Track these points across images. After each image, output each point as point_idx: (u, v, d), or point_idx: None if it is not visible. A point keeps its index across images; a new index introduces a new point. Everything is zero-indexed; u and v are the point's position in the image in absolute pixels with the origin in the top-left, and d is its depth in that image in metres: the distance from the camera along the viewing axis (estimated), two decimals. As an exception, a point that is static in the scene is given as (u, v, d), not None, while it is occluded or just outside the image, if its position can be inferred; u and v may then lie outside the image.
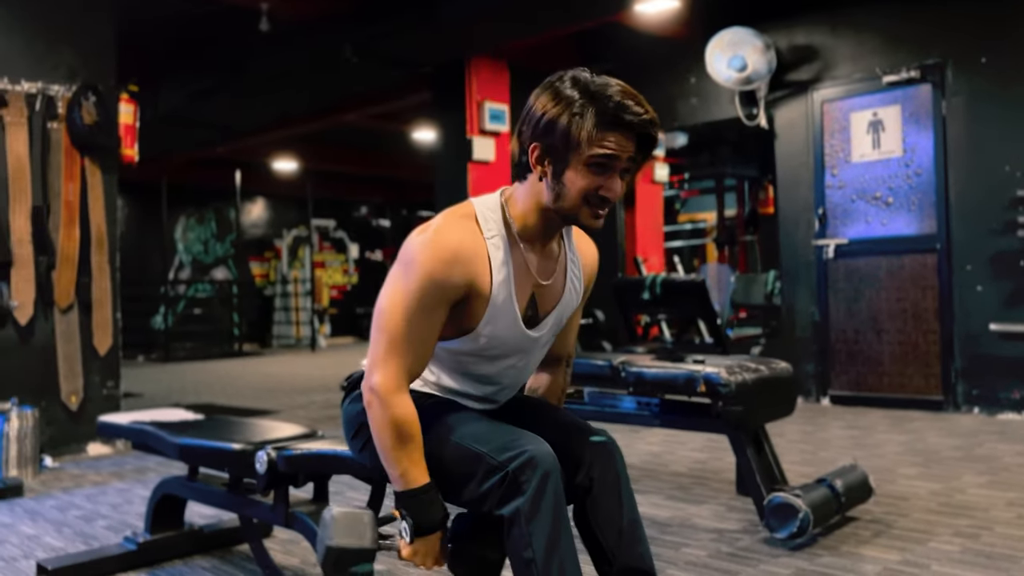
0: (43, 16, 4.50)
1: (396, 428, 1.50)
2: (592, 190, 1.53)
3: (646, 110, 1.52)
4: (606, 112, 1.49)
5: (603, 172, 1.52)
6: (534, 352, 1.72)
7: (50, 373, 4.47)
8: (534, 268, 1.63)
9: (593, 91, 1.51)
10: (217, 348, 12.92)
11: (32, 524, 3.21)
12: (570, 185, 1.53)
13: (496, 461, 1.46)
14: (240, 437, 2.26)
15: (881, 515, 2.98)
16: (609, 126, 1.50)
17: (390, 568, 2.56)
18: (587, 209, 1.55)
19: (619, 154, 1.51)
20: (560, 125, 1.50)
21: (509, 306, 1.59)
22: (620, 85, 1.53)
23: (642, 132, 1.52)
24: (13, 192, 4.34)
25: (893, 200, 5.39)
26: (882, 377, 5.45)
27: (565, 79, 1.55)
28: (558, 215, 1.58)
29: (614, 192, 1.54)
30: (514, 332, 1.62)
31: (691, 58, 6.13)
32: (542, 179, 1.56)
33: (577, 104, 1.50)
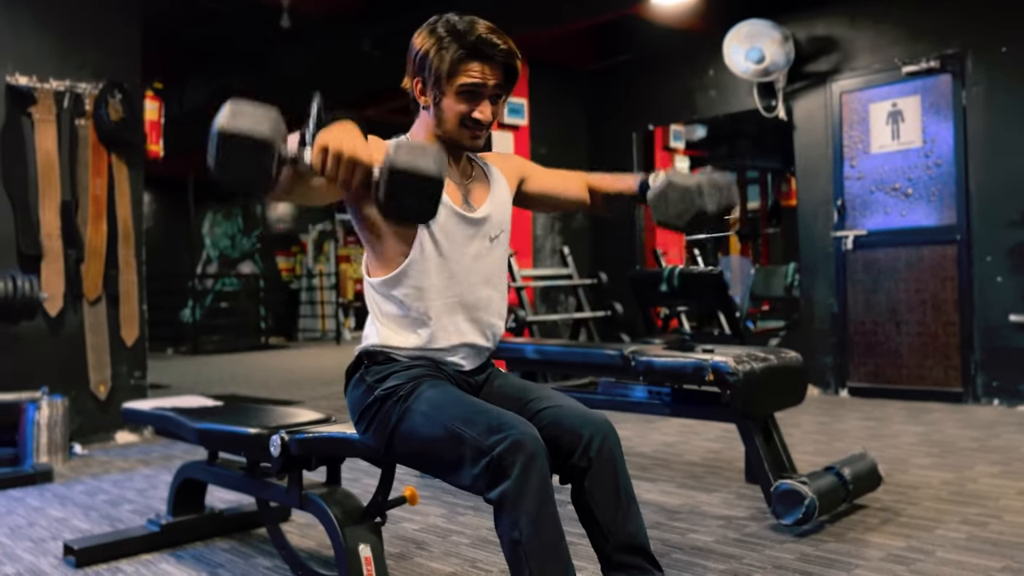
0: (70, 16, 4.62)
1: None
2: (466, 114, 1.74)
3: (506, 43, 1.72)
4: (469, 45, 1.69)
5: (473, 99, 1.73)
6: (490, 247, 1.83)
7: (79, 363, 4.60)
8: (453, 176, 1.81)
9: (460, 29, 1.71)
10: (244, 341, 13.10)
11: (61, 508, 3.32)
12: (447, 111, 1.74)
13: (483, 445, 1.52)
14: (256, 422, 2.34)
15: (890, 503, 3.00)
16: (473, 57, 1.70)
17: (402, 552, 2.63)
18: (465, 131, 1.76)
19: (484, 81, 1.72)
20: (431, 58, 1.71)
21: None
22: (486, 23, 1.73)
23: (504, 62, 1.73)
24: (43, 187, 4.46)
25: (912, 191, 5.37)
26: (901, 369, 5.43)
27: (439, 21, 1.74)
28: (445, 138, 1.78)
29: (485, 115, 1.75)
30: (453, 217, 1.76)
31: (709, 50, 6.14)
32: (426, 109, 1.77)
33: (445, 40, 1.70)
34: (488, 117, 1.75)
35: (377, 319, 1.80)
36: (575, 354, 3.50)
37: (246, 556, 2.63)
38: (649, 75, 6.80)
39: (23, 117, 4.42)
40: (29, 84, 4.43)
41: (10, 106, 4.38)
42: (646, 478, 3.49)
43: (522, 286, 6.09)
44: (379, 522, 2.13)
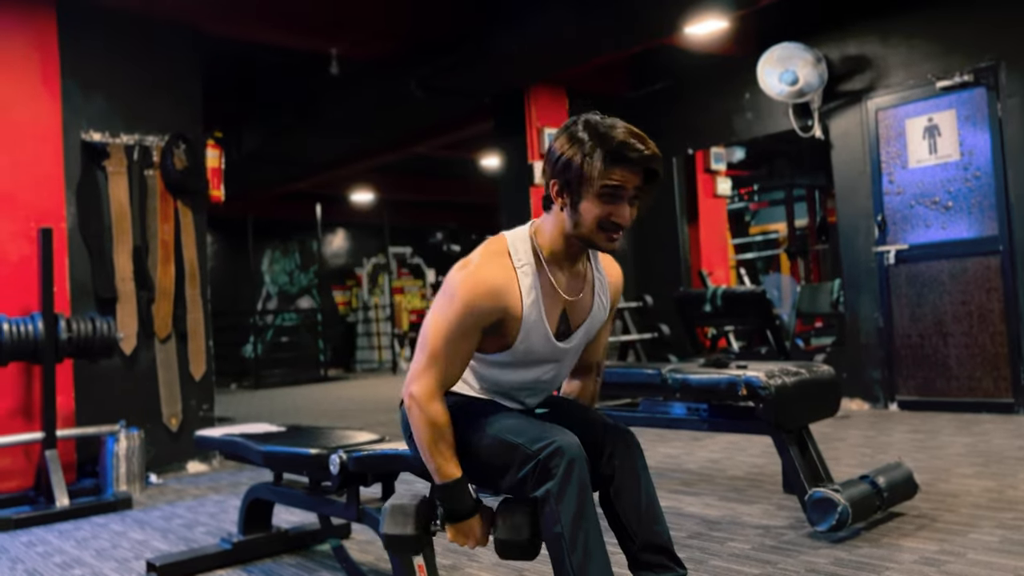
0: (137, 75, 4.98)
1: (432, 428, 1.77)
2: (604, 217, 1.78)
3: (647, 147, 1.76)
4: (611, 150, 1.74)
5: (613, 201, 1.77)
6: (565, 361, 1.96)
7: (152, 398, 4.90)
8: (562, 288, 1.87)
9: (601, 132, 1.76)
10: (304, 374, 13.47)
11: (141, 531, 3.58)
12: (585, 214, 1.78)
13: (530, 451, 1.71)
14: (316, 444, 2.55)
15: (928, 510, 3.07)
16: (615, 162, 1.74)
17: (455, 563, 2.80)
18: (602, 234, 1.80)
19: (625, 185, 1.76)
20: (574, 163, 1.76)
21: (540, 324, 1.84)
22: (625, 126, 1.77)
23: (645, 166, 1.77)
24: (116, 234, 4.80)
25: (952, 204, 5.41)
26: (950, 381, 5.44)
27: (579, 123, 1.80)
28: (578, 240, 1.83)
29: (623, 218, 1.78)
30: (546, 345, 1.86)
31: (744, 74, 6.27)
32: (563, 209, 1.81)
33: (587, 145, 1.75)
34: (626, 221, 1.79)
35: None
36: (615, 374, 3.64)
37: (311, 570, 2.84)
38: (686, 101, 6.96)
39: (97, 171, 4.78)
40: (102, 140, 4.79)
41: (86, 161, 4.74)
42: (690, 492, 3.61)
43: (568, 311, 6.25)
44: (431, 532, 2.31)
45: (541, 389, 1.99)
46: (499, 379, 1.93)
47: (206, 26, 5.27)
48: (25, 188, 4.47)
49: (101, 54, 4.84)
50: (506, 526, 1.81)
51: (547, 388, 2.01)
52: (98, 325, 4.25)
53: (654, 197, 1.86)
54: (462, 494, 1.80)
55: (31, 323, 4.06)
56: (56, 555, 3.26)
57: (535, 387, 1.97)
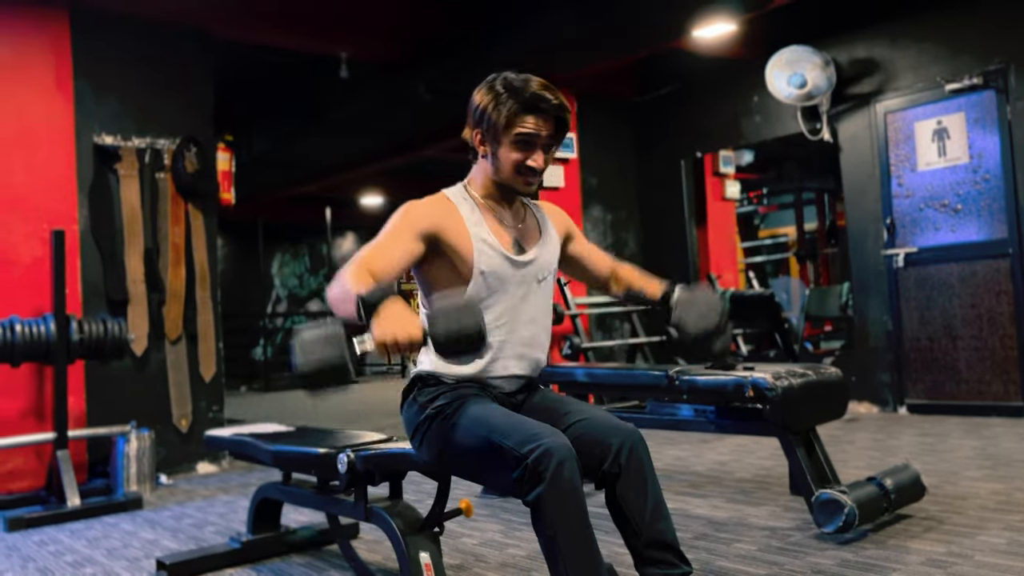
0: (148, 79, 5.02)
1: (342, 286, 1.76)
2: (520, 162, 1.94)
3: (557, 98, 1.93)
4: (524, 100, 1.91)
5: (527, 148, 1.94)
6: (535, 295, 2.03)
7: (163, 399, 4.94)
8: (505, 220, 2.03)
9: (516, 85, 1.92)
10: (313, 377, 13.47)
11: (151, 530, 3.61)
12: (503, 159, 1.96)
13: (518, 454, 1.71)
14: (325, 443, 2.57)
15: (936, 512, 3.07)
16: (527, 111, 1.91)
17: (462, 563, 2.82)
18: (519, 177, 1.97)
19: (537, 132, 1.93)
20: (489, 112, 1.93)
21: (492, 240, 1.96)
22: (539, 80, 1.94)
23: (555, 115, 1.94)
24: (128, 237, 4.84)
25: (962, 207, 5.40)
26: (959, 384, 5.42)
27: (497, 78, 1.96)
28: (501, 184, 2.00)
29: (538, 163, 1.95)
30: (505, 263, 1.97)
31: (752, 77, 6.27)
32: (485, 157, 1.99)
33: (503, 95, 1.92)
34: (541, 165, 1.95)
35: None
36: (623, 375, 3.66)
37: (320, 570, 2.86)
38: (695, 104, 6.96)
39: (109, 173, 4.82)
40: (114, 143, 4.83)
41: (98, 164, 4.78)
42: (697, 494, 3.62)
43: (576, 314, 6.27)
44: (438, 532, 2.32)
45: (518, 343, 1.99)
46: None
47: (217, 30, 5.31)
48: (38, 191, 4.52)
49: (113, 58, 4.88)
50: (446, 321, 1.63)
51: (524, 341, 2.01)
52: (109, 326, 4.28)
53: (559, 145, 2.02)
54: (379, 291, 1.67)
55: (43, 324, 4.10)
56: (67, 554, 3.29)
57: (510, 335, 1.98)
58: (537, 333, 2.05)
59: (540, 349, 2.06)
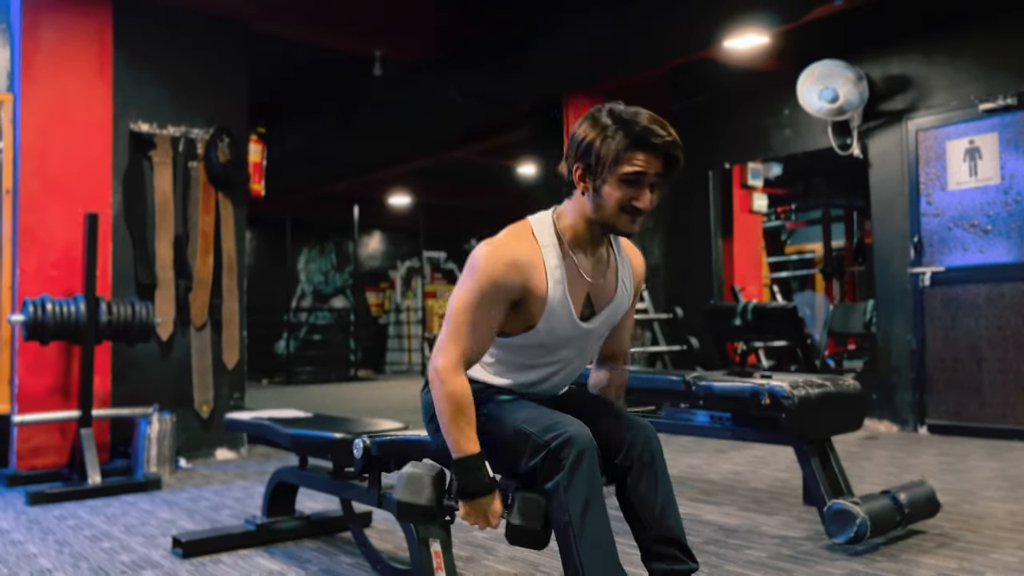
0: (186, 69, 5.12)
1: (453, 401, 1.80)
2: (626, 201, 1.83)
3: (669, 134, 1.81)
4: (634, 135, 1.79)
5: (634, 186, 1.82)
6: (587, 344, 1.99)
7: (185, 384, 5.01)
8: (586, 271, 1.92)
9: (624, 118, 1.81)
10: (334, 373, 13.62)
11: (169, 511, 3.67)
12: (607, 197, 1.83)
13: (540, 441, 1.74)
14: (342, 429, 2.61)
15: (950, 529, 3.05)
16: (637, 147, 1.79)
17: (472, 555, 2.84)
18: (624, 216, 1.85)
19: (646, 170, 1.81)
20: (596, 147, 1.81)
21: (564, 303, 1.88)
22: (648, 114, 1.82)
23: (666, 152, 1.82)
24: (159, 223, 4.93)
25: (991, 228, 5.35)
26: (983, 407, 5.36)
27: (603, 110, 1.85)
28: (599, 224, 1.88)
29: (644, 202, 1.83)
30: (569, 326, 1.90)
31: (783, 90, 6.26)
32: (584, 194, 1.86)
33: (610, 129, 1.80)
34: (647, 205, 1.83)
35: None
36: (640, 379, 3.67)
37: (331, 554, 2.89)
38: (724, 115, 6.96)
39: (144, 160, 4.91)
40: (150, 131, 4.92)
41: (133, 151, 4.88)
42: (710, 501, 3.61)
43: (598, 319, 6.27)
44: (448, 520, 2.35)
45: (562, 378, 2.02)
46: (521, 364, 1.96)
47: (255, 23, 5.40)
48: (74, 174, 4.61)
49: (153, 47, 4.98)
50: (520, 512, 1.83)
51: (567, 377, 2.04)
52: (137, 309, 4.36)
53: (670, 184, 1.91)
54: (479, 471, 1.80)
55: (74, 304, 4.19)
56: (86, 528, 3.36)
57: (556, 374, 1.99)
58: (581, 366, 2.05)
59: (578, 375, 2.08)
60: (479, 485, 1.81)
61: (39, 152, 4.52)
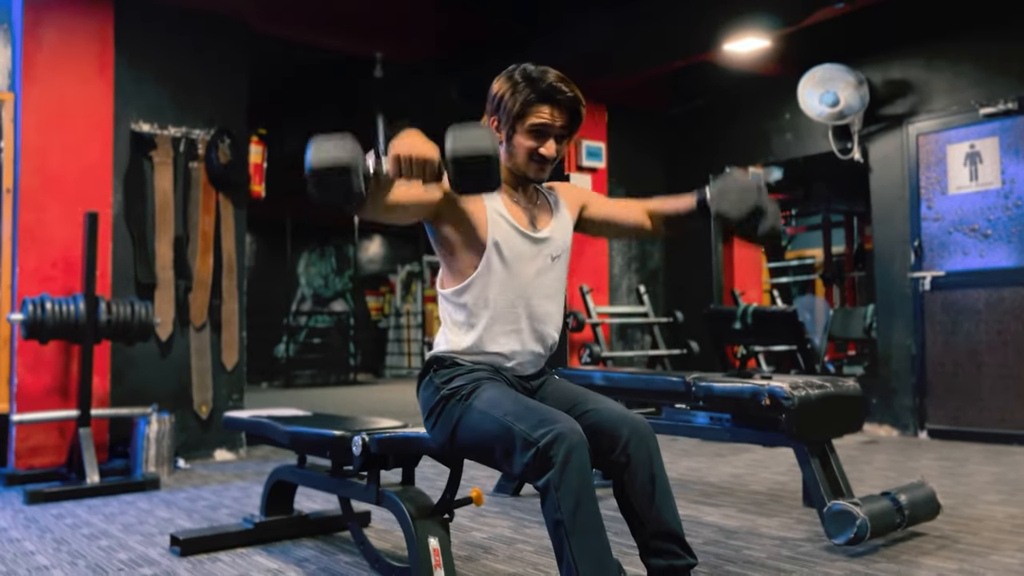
0: (187, 69, 5.12)
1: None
2: (534, 150, 2.00)
3: (572, 90, 1.98)
4: (540, 90, 1.96)
5: (541, 137, 1.99)
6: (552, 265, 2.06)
7: (184, 384, 5.01)
8: (520, 201, 2.09)
9: (533, 76, 1.98)
10: (334, 376, 13.61)
11: (167, 510, 3.66)
12: (518, 147, 2.01)
13: (530, 438, 1.73)
14: (340, 427, 2.60)
15: (950, 532, 3.04)
16: (542, 100, 1.96)
17: (470, 555, 2.83)
18: (532, 164, 2.02)
19: (552, 122, 1.98)
20: (506, 100, 1.98)
21: (507, 216, 2.02)
22: (556, 73, 1.99)
23: (570, 107, 1.99)
24: (159, 223, 4.93)
25: (992, 232, 5.35)
26: (982, 411, 5.35)
27: (516, 69, 2.02)
28: (513, 171, 2.05)
29: (550, 152, 2.00)
30: (520, 238, 2.01)
31: (784, 94, 6.27)
32: (500, 144, 1.99)
33: (520, 85, 1.98)
34: (553, 153, 2.01)
35: (447, 327, 2.05)
36: (640, 380, 3.66)
37: (329, 553, 2.88)
38: (725, 118, 6.96)
39: (144, 160, 4.91)
40: (151, 131, 4.92)
41: (134, 151, 4.88)
42: (709, 503, 3.60)
43: (598, 322, 6.27)
44: (447, 518, 2.34)
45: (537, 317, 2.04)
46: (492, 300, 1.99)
47: (256, 24, 5.41)
48: (74, 173, 4.61)
49: (155, 47, 4.99)
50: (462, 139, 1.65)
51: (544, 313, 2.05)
52: (136, 309, 4.36)
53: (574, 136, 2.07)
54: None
55: (73, 303, 4.18)
56: (84, 527, 3.35)
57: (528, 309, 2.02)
58: (550, 309, 2.08)
59: (553, 327, 2.10)
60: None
61: (40, 151, 4.52)
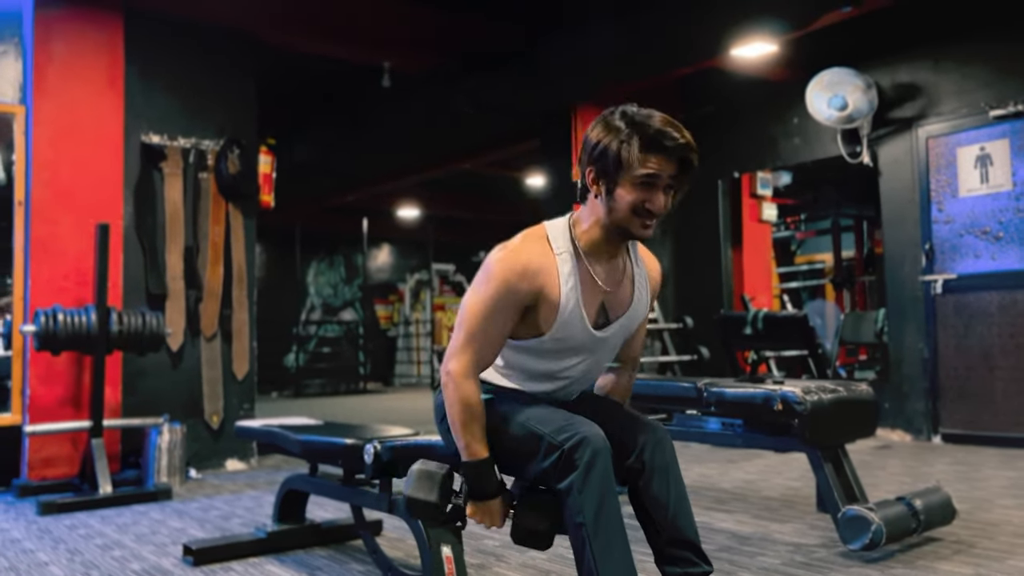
0: (196, 80, 5.15)
1: (464, 406, 1.81)
2: (639, 204, 1.80)
3: (683, 136, 1.79)
4: (648, 138, 1.77)
5: (648, 189, 1.80)
6: (601, 353, 1.97)
7: (195, 394, 5.02)
8: (601, 279, 1.90)
9: (638, 121, 1.80)
10: (344, 385, 13.62)
11: (179, 520, 3.66)
12: (620, 200, 1.81)
13: (554, 441, 1.73)
14: (352, 435, 2.60)
15: (966, 537, 3.01)
16: (651, 150, 1.78)
17: (483, 563, 2.82)
18: (636, 220, 1.82)
19: (660, 172, 1.79)
20: (611, 150, 1.79)
21: (577, 310, 1.86)
22: (662, 116, 1.81)
23: (680, 156, 1.80)
24: (170, 234, 4.95)
25: (1003, 234, 5.32)
26: (996, 415, 5.31)
27: (616, 112, 1.84)
28: (613, 227, 1.85)
29: (658, 205, 1.81)
30: (583, 334, 1.88)
31: (792, 98, 6.26)
32: (598, 198, 1.84)
33: (624, 132, 1.79)
34: (661, 208, 1.81)
35: None
36: (651, 387, 3.65)
37: (342, 562, 2.88)
38: (733, 124, 6.95)
39: (154, 171, 4.94)
40: (161, 142, 4.95)
41: (144, 162, 4.90)
42: (722, 509, 3.59)
43: (607, 329, 6.25)
44: (460, 526, 2.33)
45: (573, 383, 2.00)
46: (532, 368, 1.95)
47: (265, 35, 5.43)
48: (86, 185, 4.63)
49: (164, 59, 5.02)
50: (526, 513, 1.86)
51: (579, 383, 2.02)
52: (147, 319, 4.37)
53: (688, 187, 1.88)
54: (488, 474, 1.84)
55: (85, 314, 4.20)
56: (97, 538, 3.35)
57: (567, 380, 1.98)
58: (597, 374, 2.07)
59: (596, 377, 2.09)
60: (488, 488, 1.85)
61: (51, 164, 4.55)
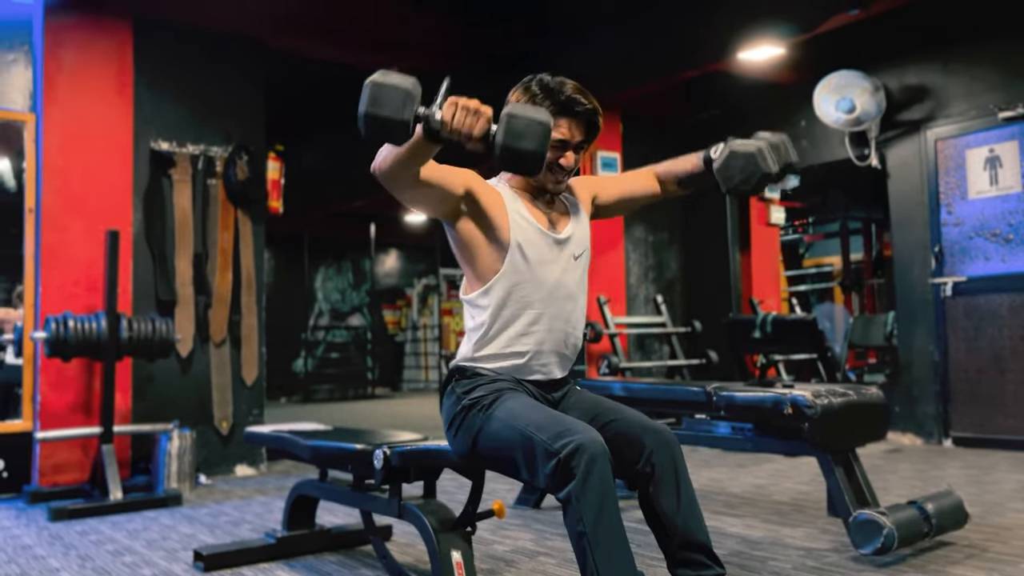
0: (205, 87, 5.17)
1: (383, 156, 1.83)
2: (553, 162, 2.01)
3: (591, 102, 2.00)
4: (559, 103, 1.97)
5: (559, 149, 2.00)
6: (574, 265, 2.07)
7: (205, 400, 5.03)
8: (540, 205, 2.10)
9: (552, 88, 1.99)
10: (352, 390, 13.63)
11: (189, 526, 3.67)
12: None
13: (551, 448, 1.72)
14: (361, 440, 2.61)
15: (979, 541, 3.00)
16: (562, 114, 1.97)
17: (492, 568, 2.82)
18: (550, 176, 2.04)
19: (570, 137, 2.00)
20: None
21: (529, 218, 2.03)
22: (574, 84, 2.01)
23: (588, 119, 2.01)
24: (179, 240, 4.97)
25: (1013, 236, 5.29)
26: (1008, 418, 5.28)
27: (534, 80, 2.03)
28: (532, 181, 2.07)
29: (568, 162, 2.02)
30: (541, 239, 2.01)
31: (800, 102, 6.25)
32: None
33: (538, 97, 1.98)
34: (571, 164, 2.02)
35: (470, 333, 2.05)
36: (660, 391, 3.65)
37: (351, 567, 2.88)
38: (740, 126, 6.88)
39: (164, 178, 4.96)
40: (170, 149, 4.97)
41: (153, 169, 4.92)
42: (732, 514, 3.57)
43: (615, 333, 6.25)
44: (469, 531, 2.34)
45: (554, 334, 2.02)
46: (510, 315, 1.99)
47: (272, 41, 5.45)
48: (95, 192, 4.66)
49: (173, 66, 5.04)
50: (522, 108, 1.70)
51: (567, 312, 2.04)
52: (157, 326, 4.39)
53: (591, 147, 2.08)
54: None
55: (95, 321, 4.22)
56: (108, 543, 3.36)
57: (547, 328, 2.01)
58: (573, 308, 2.08)
59: (576, 326, 2.10)
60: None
61: (61, 171, 4.57)
